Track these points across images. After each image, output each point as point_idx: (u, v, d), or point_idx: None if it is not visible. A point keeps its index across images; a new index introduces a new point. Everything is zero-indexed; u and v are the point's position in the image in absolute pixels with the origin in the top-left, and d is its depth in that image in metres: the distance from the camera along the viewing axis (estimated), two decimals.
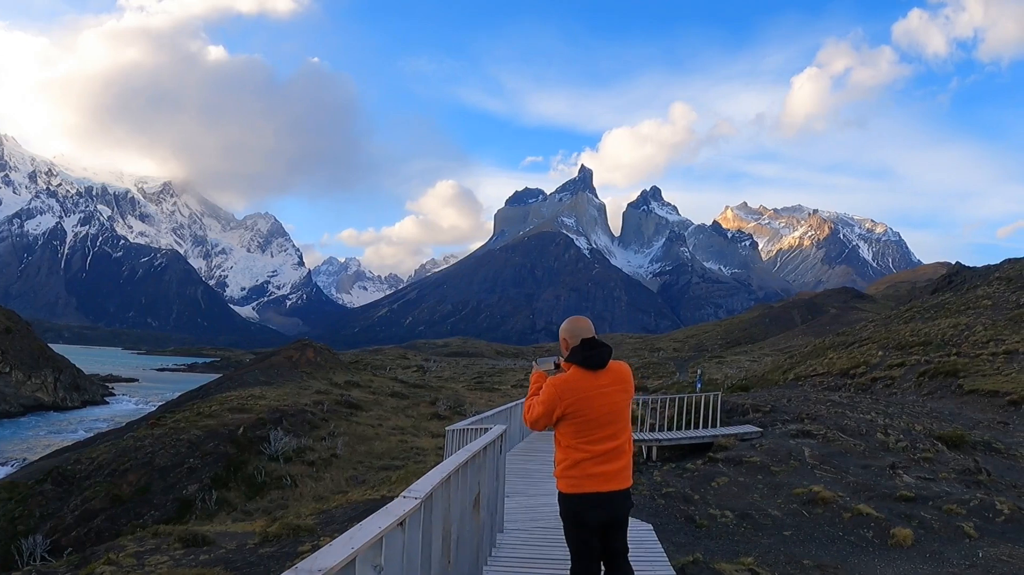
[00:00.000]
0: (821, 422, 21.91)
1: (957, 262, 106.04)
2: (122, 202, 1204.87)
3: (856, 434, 20.49)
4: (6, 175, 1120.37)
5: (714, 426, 22.84)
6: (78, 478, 41.67)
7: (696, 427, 22.79)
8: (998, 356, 34.87)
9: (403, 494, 4.54)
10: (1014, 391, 28.80)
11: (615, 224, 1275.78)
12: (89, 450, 47.26)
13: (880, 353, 42.26)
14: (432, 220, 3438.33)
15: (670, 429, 23.80)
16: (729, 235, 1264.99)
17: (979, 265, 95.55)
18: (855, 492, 15.43)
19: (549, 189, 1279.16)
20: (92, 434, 68.28)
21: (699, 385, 52.85)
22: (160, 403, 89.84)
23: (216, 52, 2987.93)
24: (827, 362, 45.15)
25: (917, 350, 40.15)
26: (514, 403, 23.42)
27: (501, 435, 9.48)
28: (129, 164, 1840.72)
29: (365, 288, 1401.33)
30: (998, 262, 74.51)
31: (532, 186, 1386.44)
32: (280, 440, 45.13)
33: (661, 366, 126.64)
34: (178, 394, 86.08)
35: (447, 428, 13.53)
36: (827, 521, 13.66)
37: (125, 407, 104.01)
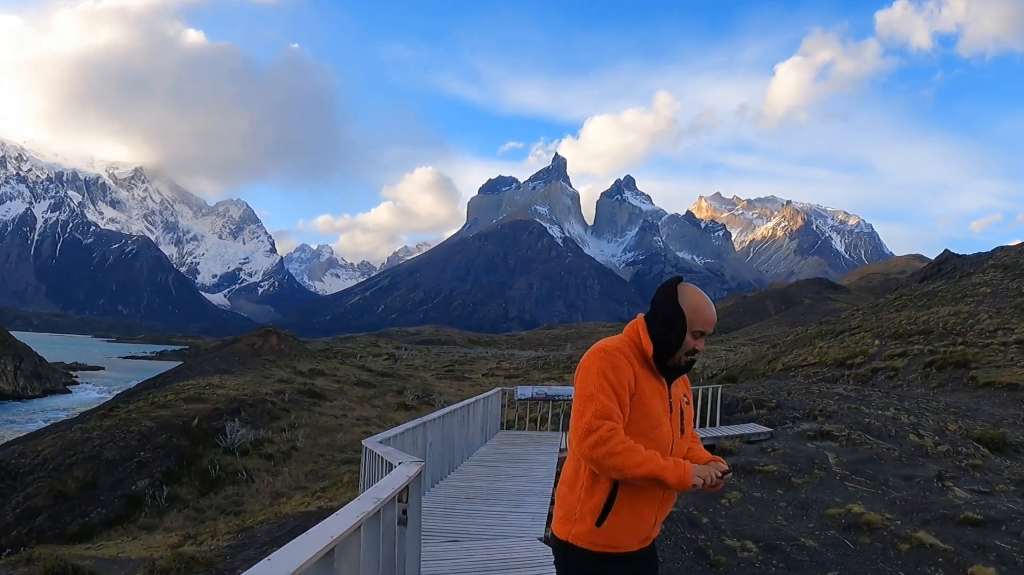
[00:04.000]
0: (839, 420, 18.91)
1: (946, 250, 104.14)
2: (93, 188, 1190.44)
3: (884, 435, 17.43)
4: None
5: (714, 425, 19.93)
6: (22, 473, 39.15)
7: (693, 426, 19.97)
8: (1009, 346, 32.43)
9: None
10: None
11: (589, 213, 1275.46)
12: (35, 443, 44.67)
13: (877, 342, 39.76)
14: (408, 207, 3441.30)
15: None
16: (702, 225, 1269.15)
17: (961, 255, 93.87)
18: (906, 513, 12.12)
19: (528, 177, 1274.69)
20: (48, 424, 65.22)
21: None
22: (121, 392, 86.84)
23: (194, 36, 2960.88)
24: (818, 352, 42.62)
25: (918, 339, 37.65)
26: (447, 410, 14.80)
27: (398, 495, 5.20)
28: (101, 149, 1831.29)
29: (338, 276, 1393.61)
30: (990, 250, 72.44)
31: (513, 174, 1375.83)
32: (237, 432, 42.57)
33: None
34: (138, 383, 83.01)
35: (364, 442, 10.00)
36: (879, 554, 10.32)
37: (87, 396, 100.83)
